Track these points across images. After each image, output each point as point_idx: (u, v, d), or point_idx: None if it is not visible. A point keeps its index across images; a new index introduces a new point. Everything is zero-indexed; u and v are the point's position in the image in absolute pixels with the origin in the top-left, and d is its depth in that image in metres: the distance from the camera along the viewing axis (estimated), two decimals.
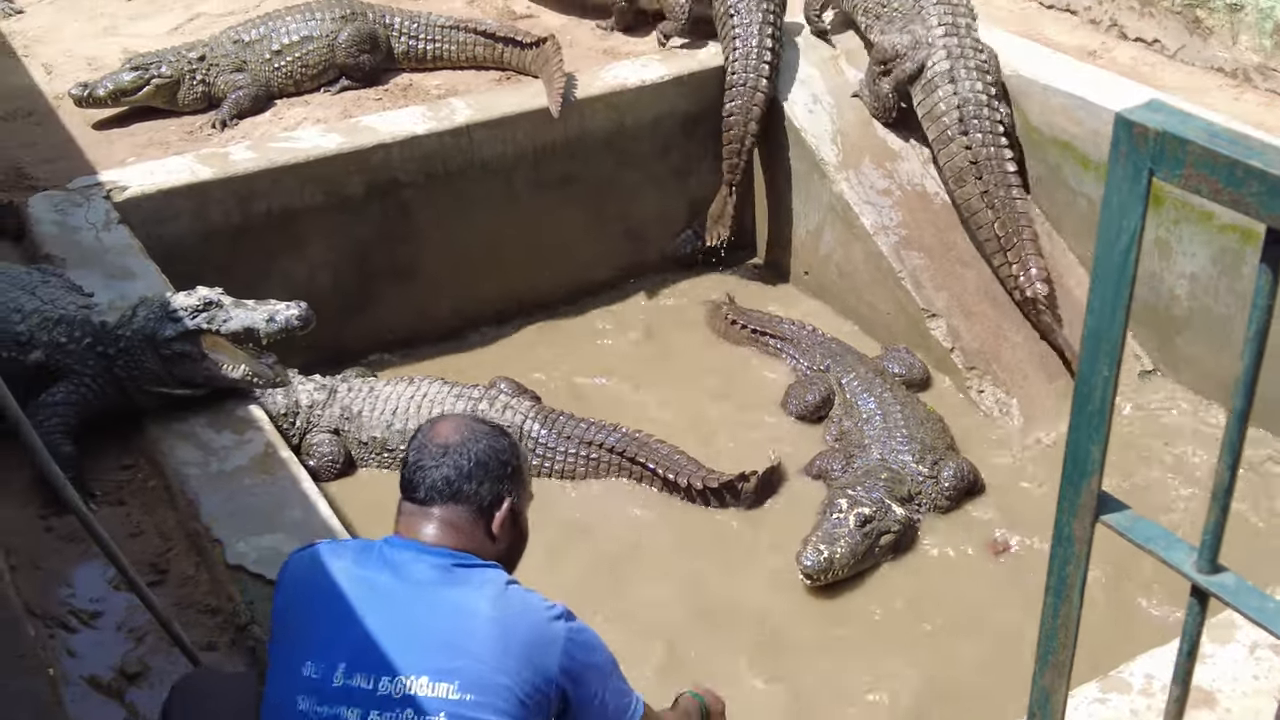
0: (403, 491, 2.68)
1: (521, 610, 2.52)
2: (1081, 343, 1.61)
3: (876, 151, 6.93)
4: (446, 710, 2.38)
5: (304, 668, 2.49)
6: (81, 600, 4.02)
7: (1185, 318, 6.30)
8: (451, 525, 2.60)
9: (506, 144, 6.69)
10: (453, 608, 2.48)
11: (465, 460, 2.61)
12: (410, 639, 2.43)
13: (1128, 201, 1.50)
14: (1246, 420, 1.51)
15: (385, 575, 2.53)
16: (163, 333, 4.63)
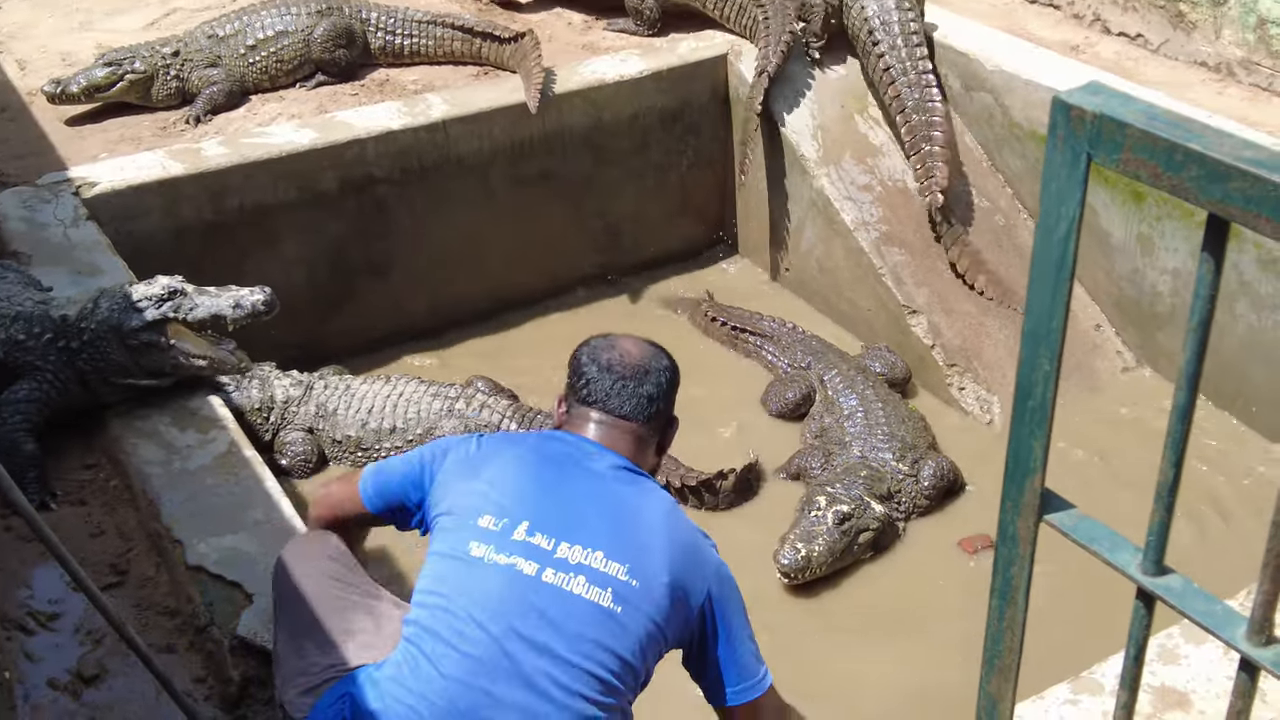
0: (590, 402, 2.77)
1: (688, 527, 2.70)
2: (1022, 338, 1.55)
3: (857, 147, 6.87)
4: (614, 586, 2.50)
5: (480, 519, 2.58)
6: (40, 602, 3.96)
7: (1168, 313, 6.25)
8: (639, 439, 2.75)
9: (483, 140, 6.63)
10: (633, 503, 2.63)
11: (663, 382, 2.80)
12: (593, 516, 2.56)
13: (1066, 187, 1.44)
14: (1190, 416, 1.45)
15: (572, 459, 2.66)
16: (128, 323, 4.58)
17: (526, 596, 2.52)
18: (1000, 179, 6.93)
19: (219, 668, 3.67)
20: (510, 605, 2.51)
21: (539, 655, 2.50)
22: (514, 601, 2.51)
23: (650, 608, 2.55)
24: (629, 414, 2.72)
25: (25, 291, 4.79)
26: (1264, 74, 6.52)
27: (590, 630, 2.51)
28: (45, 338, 4.58)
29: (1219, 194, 1.31)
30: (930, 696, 4.71)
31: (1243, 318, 5.88)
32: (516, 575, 2.53)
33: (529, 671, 2.49)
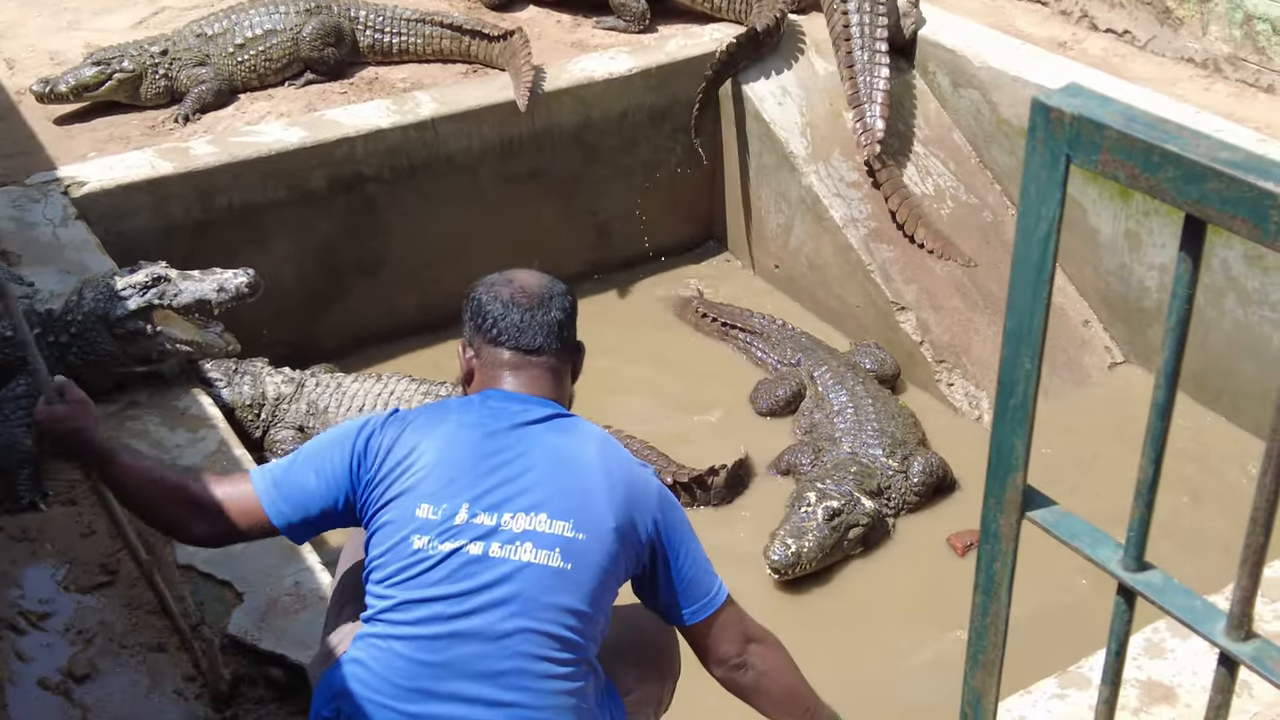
0: (500, 341, 2.73)
1: (622, 461, 2.67)
2: (1003, 336, 1.56)
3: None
4: (561, 545, 2.51)
5: (418, 509, 2.54)
6: (30, 602, 3.96)
7: (1156, 309, 6.27)
8: (555, 371, 2.73)
9: (472, 138, 6.63)
10: (565, 454, 2.60)
11: (565, 305, 2.77)
12: (530, 479, 2.55)
13: (1046, 189, 1.46)
14: (1170, 412, 1.46)
15: (499, 422, 2.62)
16: (114, 312, 4.59)
17: (479, 575, 2.53)
18: (989, 176, 6.95)
19: (210, 666, 3.68)
20: (466, 587, 2.53)
21: (500, 631, 2.53)
22: (468, 582, 2.53)
23: (600, 557, 2.57)
24: (540, 346, 2.70)
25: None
26: (1251, 70, 6.55)
27: (543, 594, 2.54)
28: (34, 333, 4.55)
29: (1195, 194, 1.33)
30: (920, 692, 4.73)
31: (1230, 313, 5.91)
32: (465, 559, 2.53)
33: (492, 650, 2.54)
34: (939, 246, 6.54)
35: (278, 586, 3.85)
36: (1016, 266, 1.52)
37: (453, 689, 2.54)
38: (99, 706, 3.63)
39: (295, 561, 3.94)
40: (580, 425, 2.71)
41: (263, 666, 3.65)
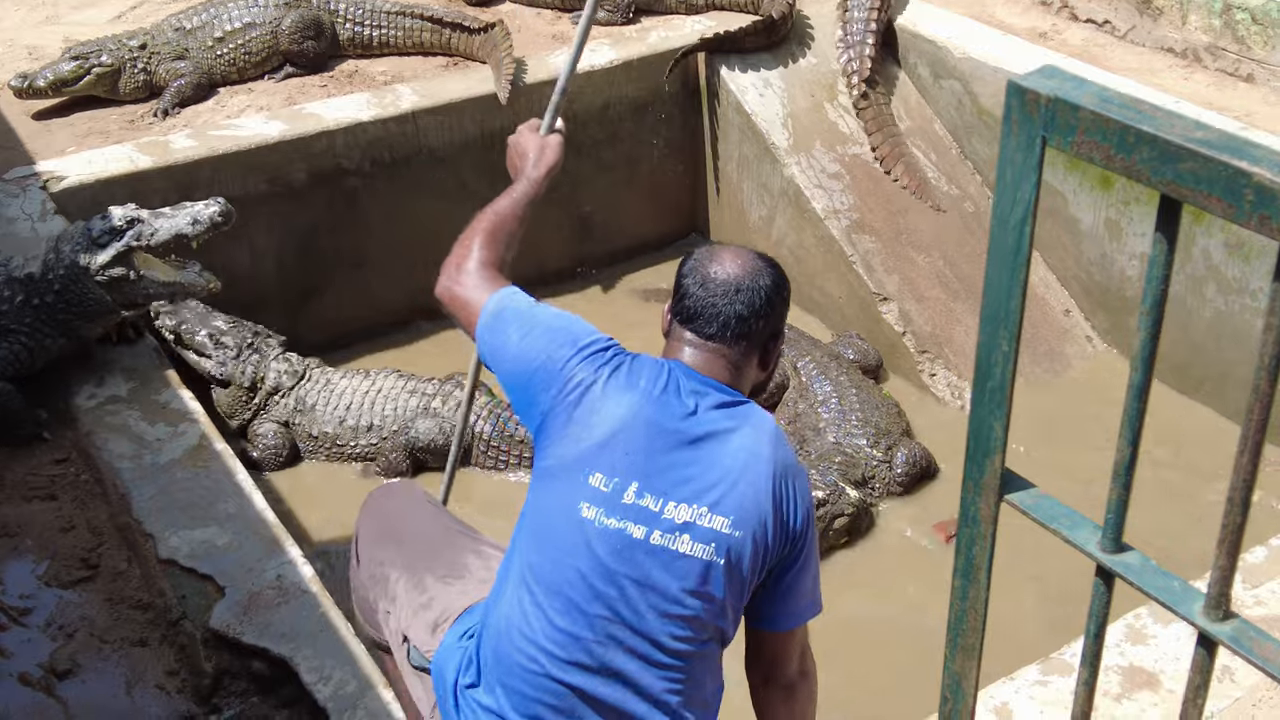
0: (686, 322, 2.72)
1: (789, 461, 2.67)
2: (980, 320, 1.56)
3: (827, 135, 6.89)
4: (718, 540, 2.55)
5: (591, 477, 2.58)
6: (11, 597, 3.94)
7: (1137, 298, 6.28)
8: (731, 363, 2.69)
9: (453, 131, 6.61)
10: (738, 448, 2.60)
11: (757, 301, 2.68)
12: (698, 470, 2.57)
13: (1022, 171, 1.46)
14: (1147, 394, 1.46)
15: (679, 406, 2.62)
16: (95, 262, 4.65)
17: (636, 558, 2.59)
18: (970, 166, 6.97)
19: (192, 661, 3.67)
20: (621, 567, 2.59)
21: (648, 612, 2.59)
22: (625, 564, 2.59)
23: (753, 554, 2.61)
24: (714, 335, 2.68)
25: None
26: (1230, 59, 6.57)
27: (695, 584, 2.59)
28: (17, 300, 4.66)
29: (1171, 174, 1.33)
30: (905, 680, 4.74)
31: (1211, 301, 5.93)
32: (627, 539, 2.58)
33: (640, 628, 2.60)
34: (915, 186, 6.64)
35: (259, 580, 3.83)
36: (993, 250, 1.52)
37: (606, 662, 2.62)
38: (81, 702, 3.61)
39: (277, 555, 3.93)
40: (754, 416, 2.68)
41: (246, 660, 3.64)
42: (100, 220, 4.78)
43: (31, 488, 4.33)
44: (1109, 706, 3.39)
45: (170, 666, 3.70)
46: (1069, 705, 3.32)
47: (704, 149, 7.39)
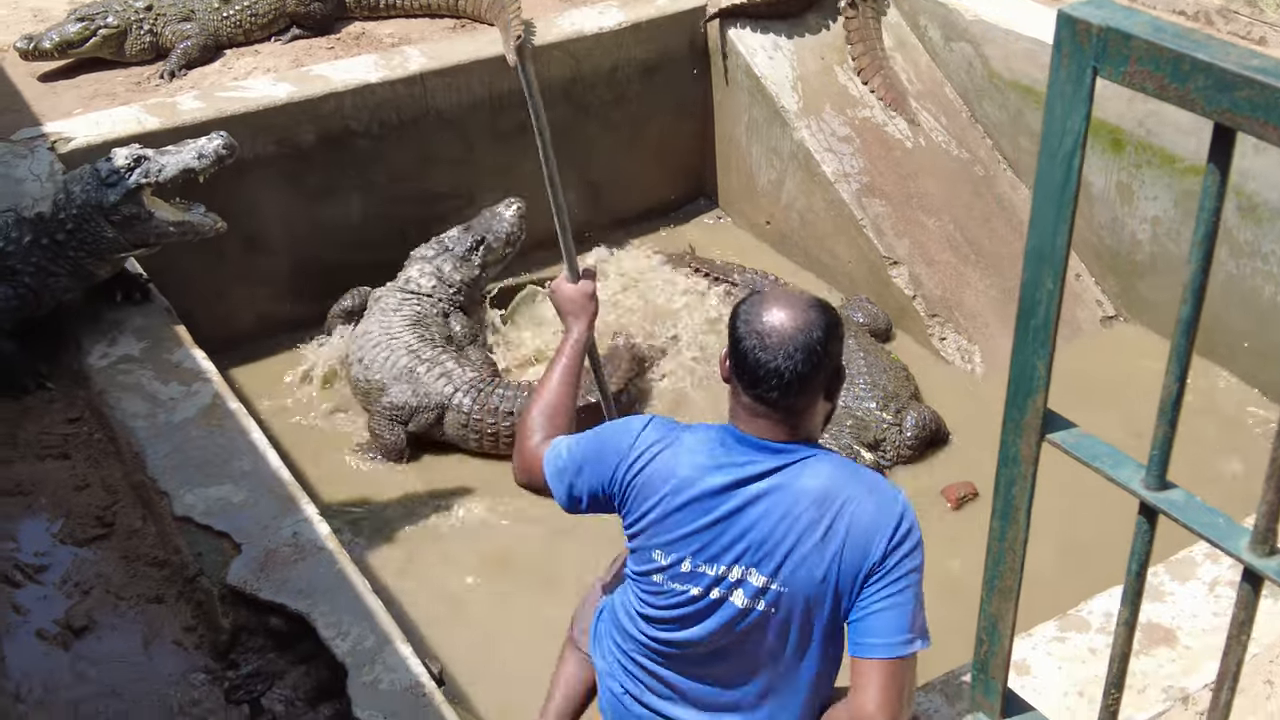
0: (750, 387, 2.73)
1: (844, 509, 2.67)
2: (1025, 257, 1.55)
3: (837, 98, 6.86)
4: (766, 598, 2.71)
5: (654, 553, 2.81)
6: (26, 555, 3.94)
7: (1148, 262, 6.27)
8: (799, 411, 2.73)
9: (461, 93, 6.58)
10: (780, 509, 2.69)
11: (815, 352, 2.68)
12: (741, 536, 2.71)
13: (1072, 103, 1.44)
14: (1194, 331, 1.45)
15: (724, 478, 2.73)
16: (108, 200, 4.70)
17: (699, 614, 2.83)
18: (980, 130, 6.93)
19: (209, 617, 3.67)
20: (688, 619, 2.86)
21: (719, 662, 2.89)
22: (693, 622, 2.86)
23: (803, 605, 2.71)
24: (780, 397, 2.69)
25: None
26: (1242, 22, 6.52)
27: (749, 633, 2.80)
28: (26, 240, 4.68)
29: (1226, 103, 1.32)
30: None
31: (1222, 265, 5.91)
32: (689, 597, 2.81)
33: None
34: (891, 99, 6.72)
35: (275, 537, 3.83)
36: (1040, 184, 1.51)
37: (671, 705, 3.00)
38: (98, 658, 3.62)
39: (293, 513, 3.93)
40: (806, 472, 2.71)
41: (263, 616, 3.64)
42: (105, 161, 4.80)
43: (45, 446, 4.33)
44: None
45: (187, 623, 3.71)
46: (1086, 661, 3.33)
47: (712, 112, 7.35)
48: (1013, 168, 6.83)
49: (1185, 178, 5.95)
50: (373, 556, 4.98)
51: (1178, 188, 6.01)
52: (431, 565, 5.09)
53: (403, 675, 3.39)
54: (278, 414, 5.91)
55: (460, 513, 5.39)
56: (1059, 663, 3.39)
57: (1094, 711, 3.13)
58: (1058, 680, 3.26)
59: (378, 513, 5.34)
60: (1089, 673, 3.27)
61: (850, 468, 2.75)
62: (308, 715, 3.42)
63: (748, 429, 2.75)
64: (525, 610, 4.89)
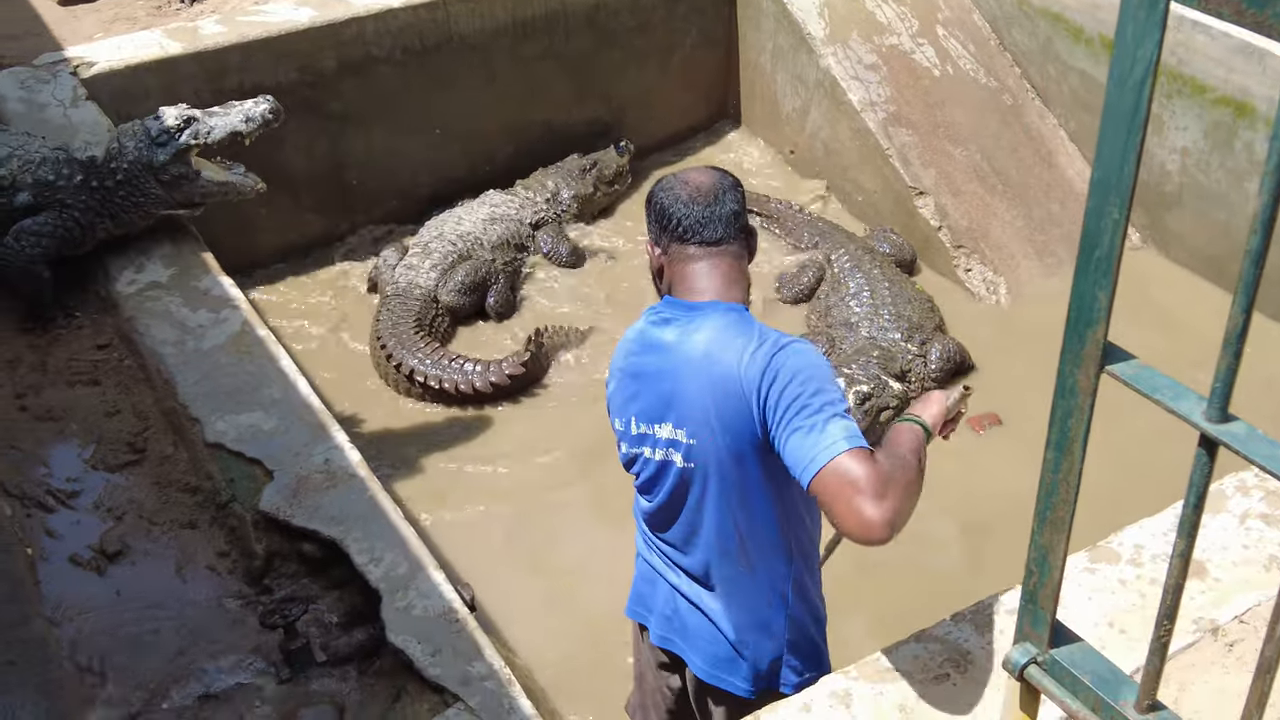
0: (686, 238, 2.88)
1: (723, 355, 2.78)
2: (1090, 185, 1.53)
3: (864, 25, 6.77)
4: (683, 451, 2.87)
5: (615, 422, 3.02)
6: (58, 480, 3.98)
7: (1176, 193, 6.22)
8: (734, 256, 2.90)
9: (484, 19, 6.51)
10: (684, 364, 2.83)
11: (737, 198, 2.93)
12: (663, 394, 2.88)
13: (1144, 29, 1.41)
14: (1263, 260, 1.44)
15: (649, 338, 2.92)
16: (158, 159, 4.78)
17: (652, 472, 2.98)
18: (1008, 58, 6.85)
19: (243, 543, 3.70)
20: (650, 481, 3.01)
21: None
22: (654, 485, 3.00)
23: (714, 452, 2.83)
24: (722, 237, 2.87)
25: (33, 140, 4.91)
26: None
27: (683, 489, 2.93)
28: (76, 179, 4.74)
29: None
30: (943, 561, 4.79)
31: (1253, 197, 5.82)
32: (643, 458, 2.97)
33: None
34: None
35: (307, 464, 3.85)
36: (1108, 113, 1.48)
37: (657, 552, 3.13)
38: (132, 582, 3.66)
39: (324, 440, 3.94)
40: (702, 325, 2.82)
41: (295, 542, 3.67)
42: (155, 120, 4.84)
43: (75, 373, 4.35)
44: (1156, 594, 3.38)
45: (220, 548, 3.74)
46: (1116, 592, 3.34)
47: (737, 39, 7.27)
48: (1041, 96, 6.75)
49: (1216, 108, 5.88)
50: (400, 484, 4.99)
51: (1208, 118, 5.95)
52: (459, 493, 5.11)
53: (436, 601, 3.42)
54: (299, 337, 5.91)
55: (488, 444, 5.40)
56: (1089, 593, 3.40)
57: (1125, 641, 3.16)
58: (1089, 611, 3.27)
59: (404, 440, 5.36)
60: (1119, 603, 3.28)
61: (742, 322, 2.81)
62: (341, 639, 3.46)
63: (679, 291, 2.90)
64: (556, 540, 4.92)
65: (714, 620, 3.06)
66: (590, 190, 6.83)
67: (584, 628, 4.49)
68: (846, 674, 3.04)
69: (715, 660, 3.09)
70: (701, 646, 3.10)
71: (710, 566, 3.01)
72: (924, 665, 3.05)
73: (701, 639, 3.09)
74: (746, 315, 2.86)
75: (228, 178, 4.98)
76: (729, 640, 3.05)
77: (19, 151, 4.77)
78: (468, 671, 3.25)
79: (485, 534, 4.94)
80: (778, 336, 2.77)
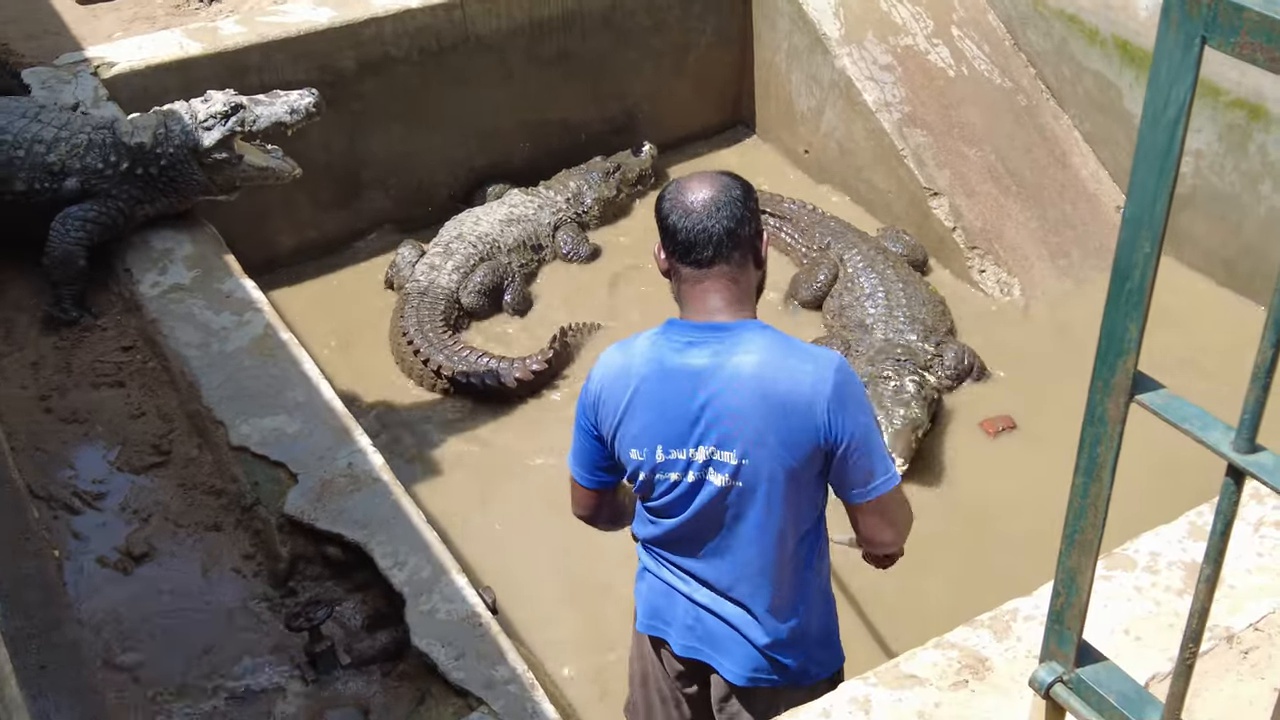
0: (683, 256, 2.88)
1: (780, 373, 2.81)
2: (1123, 220, 1.57)
3: (880, 25, 6.79)
4: (729, 471, 2.86)
5: (630, 454, 2.95)
6: (84, 482, 4.02)
7: (1189, 195, 6.24)
8: (728, 278, 2.87)
9: (501, 19, 6.54)
10: (725, 385, 2.83)
11: (736, 211, 2.86)
12: (701, 417, 2.85)
13: (1178, 71, 1.44)
14: None
15: (671, 365, 2.88)
16: (204, 143, 4.88)
17: (684, 497, 2.96)
18: (1023, 59, 6.87)
19: (267, 545, 3.74)
20: (678, 506, 2.99)
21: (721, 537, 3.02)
22: (680, 507, 2.99)
23: (768, 472, 2.85)
24: (713, 258, 2.85)
25: (79, 119, 4.98)
26: None
27: (727, 509, 2.93)
28: (123, 166, 4.82)
29: None
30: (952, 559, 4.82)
31: (1266, 199, 5.88)
32: (670, 484, 2.94)
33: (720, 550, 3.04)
34: None
35: (331, 468, 3.89)
36: (1141, 150, 1.51)
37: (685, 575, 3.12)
38: (158, 584, 3.70)
39: (347, 444, 3.98)
40: (741, 347, 2.84)
41: (320, 545, 3.71)
42: (203, 104, 4.94)
43: (100, 374, 4.39)
44: (1171, 601, 3.42)
45: (246, 551, 3.78)
46: (1131, 599, 3.37)
47: (752, 39, 7.29)
48: (1055, 97, 6.77)
49: (1230, 111, 5.90)
50: (422, 486, 5.03)
51: (1222, 120, 5.97)
52: (481, 494, 5.15)
53: (459, 605, 3.46)
54: (318, 337, 5.95)
55: (511, 446, 5.44)
56: (1104, 600, 3.43)
57: (1140, 649, 3.19)
58: (1104, 618, 3.30)
59: (425, 441, 5.39)
60: (1135, 611, 3.31)
61: (784, 340, 2.86)
62: (365, 642, 3.50)
63: (689, 312, 2.91)
64: (578, 543, 4.95)
65: (744, 628, 3.09)
66: (614, 193, 6.89)
67: (606, 631, 4.53)
68: (865, 680, 3.08)
69: (750, 665, 3.13)
70: (734, 653, 3.14)
71: (743, 576, 3.04)
72: (942, 672, 3.09)
73: (733, 646, 3.13)
74: (778, 332, 2.89)
75: (268, 162, 5.06)
76: (764, 645, 3.10)
77: (64, 134, 4.84)
78: (491, 675, 3.29)
79: (507, 536, 4.97)
80: (829, 356, 2.84)
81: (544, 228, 6.58)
